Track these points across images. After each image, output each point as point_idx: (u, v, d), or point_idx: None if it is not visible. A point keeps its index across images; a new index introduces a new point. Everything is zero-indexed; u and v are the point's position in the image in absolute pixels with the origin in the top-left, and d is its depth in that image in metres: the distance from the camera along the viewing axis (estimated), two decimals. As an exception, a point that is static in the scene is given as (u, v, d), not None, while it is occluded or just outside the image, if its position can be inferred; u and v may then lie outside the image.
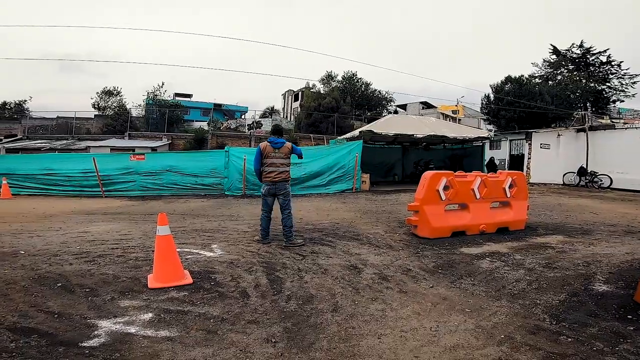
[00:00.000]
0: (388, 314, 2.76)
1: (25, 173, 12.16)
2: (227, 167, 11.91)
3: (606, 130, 15.99)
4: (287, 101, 43.40)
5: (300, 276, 3.59)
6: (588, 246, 4.75)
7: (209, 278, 3.48)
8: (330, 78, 36.42)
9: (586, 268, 3.79)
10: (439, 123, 17.62)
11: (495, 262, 4.06)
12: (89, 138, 22.83)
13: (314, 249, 4.63)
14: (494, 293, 3.16)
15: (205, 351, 2.18)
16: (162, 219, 3.46)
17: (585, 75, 29.68)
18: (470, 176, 5.63)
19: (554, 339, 2.33)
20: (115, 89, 29.70)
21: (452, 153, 18.36)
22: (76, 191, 11.94)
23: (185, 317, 2.64)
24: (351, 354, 2.18)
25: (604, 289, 3.20)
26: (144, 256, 4.18)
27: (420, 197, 5.24)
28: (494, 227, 5.56)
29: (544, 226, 6.14)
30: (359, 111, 33.97)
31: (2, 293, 2.99)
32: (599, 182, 14.49)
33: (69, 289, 3.13)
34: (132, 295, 3.04)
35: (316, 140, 23.73)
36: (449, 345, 2.27)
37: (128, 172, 12.17)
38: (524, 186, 5.97)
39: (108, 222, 6.66)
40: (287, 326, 2.53)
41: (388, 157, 17.65)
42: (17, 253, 4.25)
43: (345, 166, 12.54)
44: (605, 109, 30.10)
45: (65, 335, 2.32)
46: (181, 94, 34.19)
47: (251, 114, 35.97)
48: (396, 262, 4.10)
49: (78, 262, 3.90)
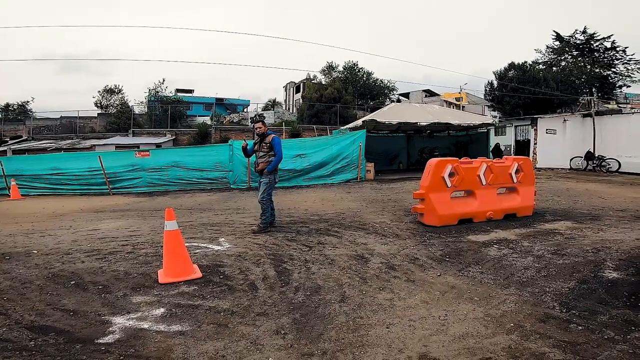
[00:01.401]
0: (396, 303, 2.77)
1: (33, 173, 12.32)
2: (232, 161, 11.95)
3: (613, 115, 15.77)
4: (288, 93, 43.11)
5: (308, 267, 3.61)
6: (597, 232, 4.71)
7: (218, 272, 3.52)
8: (332, 68, 36.02)
9: (595, 255, 3.76)
10: (443, 110, 17.43)
11: (503, 250, 4.05)
12: (93, 137, 22.98)
13: (321, 240, 4.66)
14: (503, 281, 3.16)
15: (217, 344, 2.22)
16: (170, 214, 3.49)
17: (589, 61, 29.00)
18: (475, 162, 5.58)
19: (564, 327, 2.33)
20: (116, 87, 29.71)
21: (457, 140, 18.20)
22: (84, 189, 12.10)
23: (196, 311, 2.68)
24: (360, 343, 2.21)
25: (614, 276, 3.18)
26: (153, 252, 4.23)
27: (425, 184, 5.21)
28: (501, 213, 5.53)
29: (552, 212, 6.09)
30: (362, 101, 33.65)
31: (19, 292, 3.06)
32: (607, 166, 14.32)
33: (82, 286, 3.19)
34: (144, 290, 3.09)
35: (319, 131, 23.63)
36: (458, 334, 2.28)
37: (134, 169, 12.28)
38: (531, 171, 5.91)
39: (117, 219, 6.74)
40: (296, 317, 2.56)
41: (392, 145, 17.56)
42: (30, 252, 4.33)
43: (350, 156, 12.51)
44: (612, 94, 29.48)
45: (81, 333, 2.37)
46: (183, 90, 34.07)
47: (253, 107, 35.90)
48: (403, 251, 4.11)
49: (90, 260, 3.97)
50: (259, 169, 5.31)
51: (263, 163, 5.26)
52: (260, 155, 5.30)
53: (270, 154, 5.25)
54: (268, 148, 5.26)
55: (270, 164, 5.22)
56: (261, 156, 5.29)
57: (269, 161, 5.24)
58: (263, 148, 5.28)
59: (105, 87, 29.54)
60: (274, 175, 5.32)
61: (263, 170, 5.24)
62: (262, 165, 5.27)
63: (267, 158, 5.26)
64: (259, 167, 5.32)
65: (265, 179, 5.24)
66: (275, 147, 5.25)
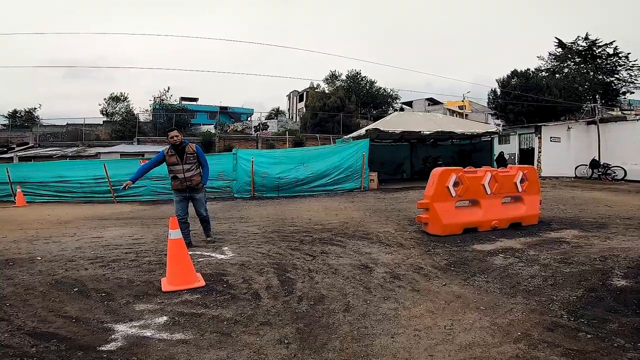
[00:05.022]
0: (401, 312, 2.74)
1: (38, 181, 12.44)
2: (235, 170, 11.98)
3: (618, 122, 15.73)
4: (292, 102, 43.48)
5: (311, 276, 3.59)
6: (604, 240, 4.65)
7: (221, 280, 3.50)
8: (335, 77, 36.40)
9: (603, 263, 3.71)
10: (446, 119, 17.46)
11: (509, 259, 4.01)
12: (98, 144, 23.22)
13: (324, 249, 4.63)
14: (509, 290, 3.12)
15: (220, 354, 2.20)
16: (174, 223, 3.50)
17: (592, 67, 29.07)
18: (480, 171, 5.56)
19: (572, 336, 2.29)
20: (122, 95, 30.13)
21: (461, 149, 18.17)
22: (88, 197, 12.17)
23: (199, 320, 2.66)
24: (364, 354, 2.17)
25: (622, 284, 3.13)
26: (156, 260, 4.23)
27: (430, 194, 5.19)
28: (506, 222, 5.48)
29: (558, 220, 6.03)
30: (365, 110, 33.85)
31: (22, 299, 3.06)
32: (613, 174, 14.21)
33: (85, 293, 3.19)
34: (147, 298, 3.08)
35: (322, 140, 23.73)
36: (464, 344, 2.24)
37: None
38: (536, 180, 5.88)
39: (121, 227, 6.76)
40: (300, 327, 2.53)
41: (396, 154, 17.55)
42: (34, 259, 4.34)
43: (353, 165, 12.50)
44: (615, 101, 29.49)
45: (83, 340, 2.36)
46: (187, 98, 34.51)
47: (257, 115, 36.21)
48: (407, 260, 4.07)
49: (93, 267, 3.97)
50: (195, 184, 4.70)
51: (197, 175, 4.74)
52: (188, 169, 4.65)
53: (197, 165, 4.77)
54: (195, 159, 4.72)
55: (204, 177, 4.82)
56: (189, 169, 4.66)
57: (200, 172, 4.81)
58: (189, 160, 4.66)
59: (111, 95, 29.99)
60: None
61: (199, 183, 4.75)
62: (197, 178, 4.72)
63: (197, 170, 4.76)
64: (193, 181, 4.67)
65: (202, 193, 4.87)
66: (202, 157, 4.82)
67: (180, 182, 4.67)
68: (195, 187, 4.73)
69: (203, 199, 4.90)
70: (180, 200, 4.78)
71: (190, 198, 4.81)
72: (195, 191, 4.78)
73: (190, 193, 4.77)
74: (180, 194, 4.76)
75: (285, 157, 12.63)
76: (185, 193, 4.75)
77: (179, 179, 4.67)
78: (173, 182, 4.72)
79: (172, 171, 4.69)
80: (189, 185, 4.69)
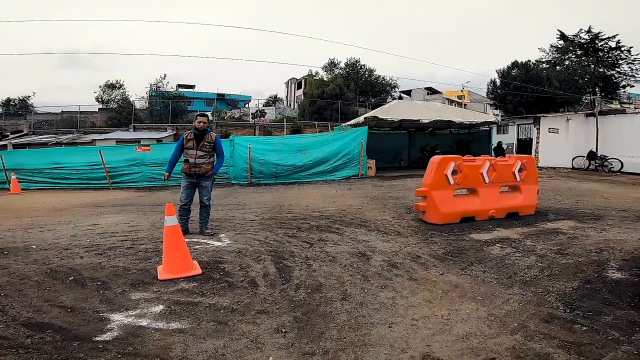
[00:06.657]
0: (398, 302, 2.74)
1: (33, 168, 12.28)
2: (233, 156, 11.90)
3: (616, 115, 15.71)
4: (290, 89, 43.00)
5: (309, 264, 3.58)
6: (600, 232, 4.67)
7: (218, 268, 3.49)
8: (333, 65, 35.88)
9: (599, 255, 3.72)
10: (445, 108, 17.36)
11: (506, 249, 4.02)
12: (94, 131, 22.93)
13: (322, 237, 4.62)
14: (506, 280, 3.12)
15: (217, 343, 2.19)
16: (170, 209, 3.45)
17: (593, 60, 28.80)
18: (479, 160, 5.54)
19: (568, 328, 2.30)
20: (117, 82, 29.58)
21: (459, 138, 18.12)
22: (84, 184, 12.07)
23: (196, 309, 2.65)
24: (362, 343, 2.17)
25: (618, 276, 3.14)
26: (152, 247, 4.20)
27: (428, 182, 5.17)
28: (504, 212, 5.49)
29: (555, 211, 6.05)
30: (363, 97, 33.53)
31: (17, 288, 3.03)
32: (609, 165, 14.27)
33: (80, 282, 3.16)
34: (143, 287, 3.06)
35: (321, 127, 23.56)
36: (461, 334, 2.25)
37: (134, 164, 12.25)
38: (534, 170, 5.87)
39: (116, 214, 6.71)
40: (297, 315, 2.53)
41: (394, 142, 17.49)
42: (29, 248, 4.30)
43: (351, 152, 12.46)
44: (615, 94, 29.34)
45: (79, 330, 2.34)
46: (184, 85, 34.03)
47: (254, 102, 35.78)
48: (405, 248, 4.07)
49: (89, 255, 3.94)
50: (203, 171, 4.72)
51: (207, 164, 4.76)
52: (200, 155, 4.71)
53: (211, 154, 4.83)
54: (211, 148, 4.79)
55: (216, 166, 4.86)
56: (201, 156, 4.71)
57: (213, 162, 4.85)
58: (204, 147, 4.73)
59: (107, 82, 29.41)
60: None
61: (208, 172, 4.76)
62: (206, 166, 4.74)
63: (210, 158, 4.81)
64: (201, 168, 4.70)
65: (209, 182, 4.86)
66: (220, 147, 4.87)
67: (189, 167, 4.72)
68: (203, 174, 4.76)
69: (209, 187, 4.92)
70: (187, 187, 4.82)
71: (197, 185, 4.84)
72: (202, 178, 4.80)
73: (198, 179, 4.79)
74: (188, 179, 4.80)
75: (283, 144, 12.58)
76: (192, 178, 4.78)
77: (189, 163, 4.73)
78: (183, 164, 4.79)
79: (186, 154, 4.79)
80: (196, 172, 4.72)
